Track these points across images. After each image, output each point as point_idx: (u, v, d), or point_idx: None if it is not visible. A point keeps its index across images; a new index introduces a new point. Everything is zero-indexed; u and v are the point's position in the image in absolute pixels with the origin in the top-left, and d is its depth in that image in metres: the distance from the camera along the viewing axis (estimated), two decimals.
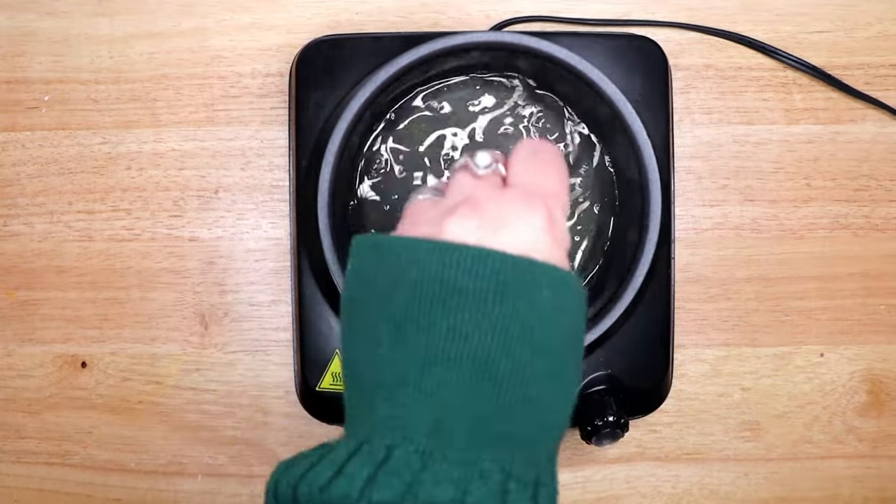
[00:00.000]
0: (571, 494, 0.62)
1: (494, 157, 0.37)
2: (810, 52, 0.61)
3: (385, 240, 0.35)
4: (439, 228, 0.34)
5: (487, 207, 0.35)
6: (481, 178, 0.37)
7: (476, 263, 0.33)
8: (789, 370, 0.62)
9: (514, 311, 0.33)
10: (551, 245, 0.35)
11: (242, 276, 0.61)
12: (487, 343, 0.32)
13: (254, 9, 0.61)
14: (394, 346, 0.33)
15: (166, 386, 0.61)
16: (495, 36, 0.54)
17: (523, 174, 0.37)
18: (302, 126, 0.56)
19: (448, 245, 0.33)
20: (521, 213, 0.35)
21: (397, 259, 0.34)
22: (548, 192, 0.36)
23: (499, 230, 0.34)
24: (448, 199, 0.36)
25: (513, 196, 0.35)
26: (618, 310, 0.54)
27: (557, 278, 0.34)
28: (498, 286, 0.33)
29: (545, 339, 0.33)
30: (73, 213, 0.60)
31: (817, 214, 0.62)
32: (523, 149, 0.38)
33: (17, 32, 0.60)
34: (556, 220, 0.35)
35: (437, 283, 0.33)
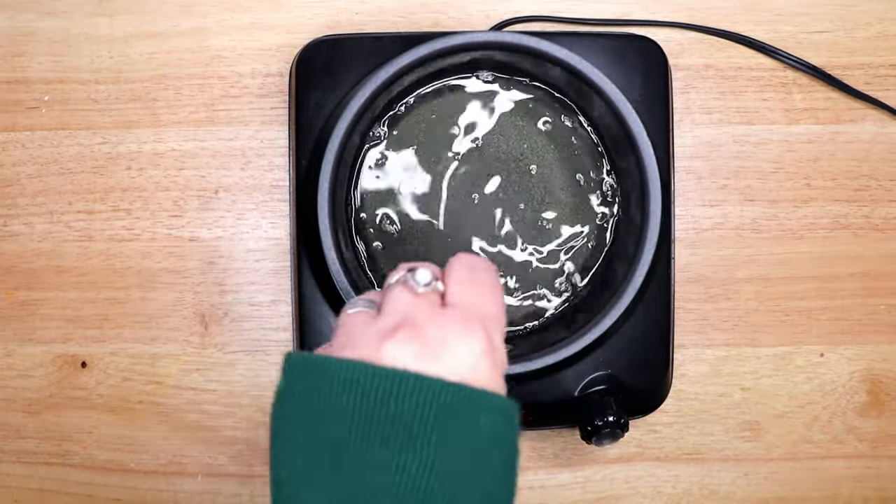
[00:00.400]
0: (571, 494, 0.62)
1: (434, 274, 0.37)
2: (810, 52, 0.61)
3: (320, 360, 0.34)
4: (378, 351, 0.33)
5: (427, 330, 0.34)
6: (420, 295, 0.36)
7: (416, 393, 0.32)
8: (789, 370, 0.62)
9: (454, 442, 0.32)
10: (490, 369, 0.34)
11: (242, 276, 0.61)
12: (425, 475, 0.32)
13: (254, 9, 0.61)
14: (328, 473, 0.32)
15: (166, 386, 0.61)
16: (495, 36, 0.54)
17: (462, 294, 0.36)
18: (302, 126, 0.56)
19: (388, 371, 0.32)
20: (461, 338, 0.34)
21: (334, 382, 0.33)
22: (486, 314, 0.36)
23: (439, 355, 0.33)
24: (385, 318, 0.35)
25: (453, 318, 0.35)
26: (618, 310, 0.54)
27: (496, 406, 0.34)
28: (438, 416, 0.32)
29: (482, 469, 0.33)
30: (73, 213, 0.60)
31: (817, 214, 0.62)
32: (461, 266, 0.38)
33: (17, 32, 0.60)
34: (494, 344, 0.35)
35: (375, 411, 0.32)
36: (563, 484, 0.62)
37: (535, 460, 0.61)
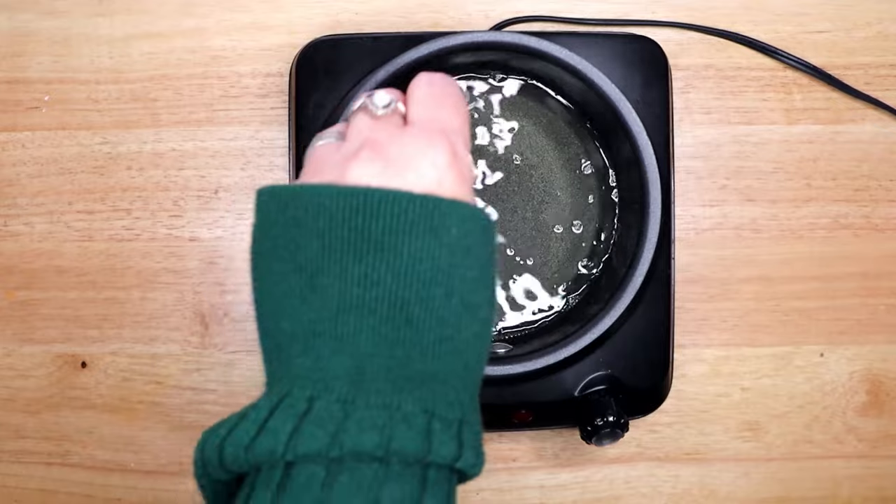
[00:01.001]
0: (571, 494, 0.62)
1: (393, 96, 0.37)
2: (810, 52, 0.61)
3: (288, 189, 0.34)
4: (342, 174, 0.34)
5: (389, 149, 0.34)
6: (381, 118, 0.36)
7: (382, 206, 0.32)
8: (789, 370, 0.62)
9: (425, 252, 0.33)
10: (456, 180, 0.34)
11: (242, 276, 0.61)
12: (400, 286, 0.32)
13: (254, 9, 0.61)
14: (306, 297, 0.33)
15: (166, 386, 0.61)
16: (495, 36, 0.54)
17: (423, 111, 0.37)
18: (302, 126, 0.56)
19: (353, 189, 0.33)
20: (423, 151, 0.34)
21: (303, 208, 0.33)
22: (449, 128, 0.36)
23: (402, 171, 0.34)
24: (349, 144, 0.36)
25: (414, 134, 0.35)
26: (618, 310, 0.54)
27: (464, 215, 0.34)
28: (406, 227, 0.32)
29: (456, 277, 0.33)
30: (73, 213, 0.60)
31: (817, 214, 0.62)
32: (421, 85, 0.38)
33: (17, 32, 0.60)
34: (459, 155, 0.35)
35: (345, 229, 0.32)
36: (563, 484, 0.62)
37: (535, 460, 0.61)
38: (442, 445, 0.32)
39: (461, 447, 0.33)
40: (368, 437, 0.31)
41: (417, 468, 0.32)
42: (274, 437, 0.31)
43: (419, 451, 0.32)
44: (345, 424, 0.31)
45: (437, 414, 0.33)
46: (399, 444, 0.31)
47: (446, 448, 0.32)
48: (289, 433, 0.31)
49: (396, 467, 0.32)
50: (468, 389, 0.35)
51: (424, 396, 0.33)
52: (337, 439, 0.31)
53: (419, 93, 0.37)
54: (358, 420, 0.31)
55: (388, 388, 0.32)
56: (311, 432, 0.31)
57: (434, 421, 0.32)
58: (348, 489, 0.31)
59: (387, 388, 0.32)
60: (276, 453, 0.31)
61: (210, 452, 0.33)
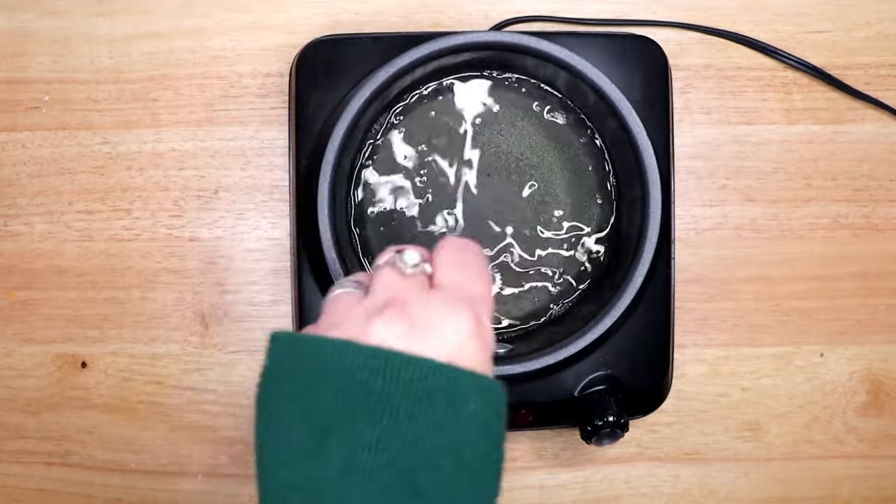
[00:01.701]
0: (571, 494, 0.62)
1: (422, 256, 0.37)
2: (810, 52, 0.61)
3: (306, 339, 0.34)
4: (365, 331, 0.33)
5: (415, 311, 0.34)
6: (408, 277, 0.36)
7: (403, 371, 0.32)
8: (789, 370, 0.62)
9: (441, 423, 0.32)
10: (477, 349, 0.34)
11: (242, 276, 0.61)
12: (412, 455, 0.32)
13: (254, 9, 0.61)
14: (312, 451, 0.32)
15: (166, 386, 0.61)
16: (495, 36, 0.54)
17: (450, 276, 0.36)
18: (302, 126, 0.56)
19: (375, 350, 0.32)
20: (448, 318, 0.34)
21: (320, 361, 0.33)
22: (475, 296, 0.36)
23: (426, 335, 0.33)
24: (373, 298, 0.35)
25: (440, 299, 0.35)
26: (618, 310, 0.54)
27: (483, 388, 0.33)
28: (425, 396, 0.32)
29: (469, 450, 0.33)
30: (73, 213, 0.60)
31: (817, 214, 0.62)
32: (449, 248, 0.38)
33: (17, 32, 0.60)
34: (482, 324, 0.35)
35: (362, 390, 0.32)
36: (563, 484, 0.62)
37: (535, 460, 0.61)
38: None
39: None
40: None
41: None
42: None
43: None
44: None
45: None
46: None
47: None
48: None
49: None
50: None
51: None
52: None
53: (447, 257, 0.37)
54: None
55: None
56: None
57: None
58: None
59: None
60: None
61: None
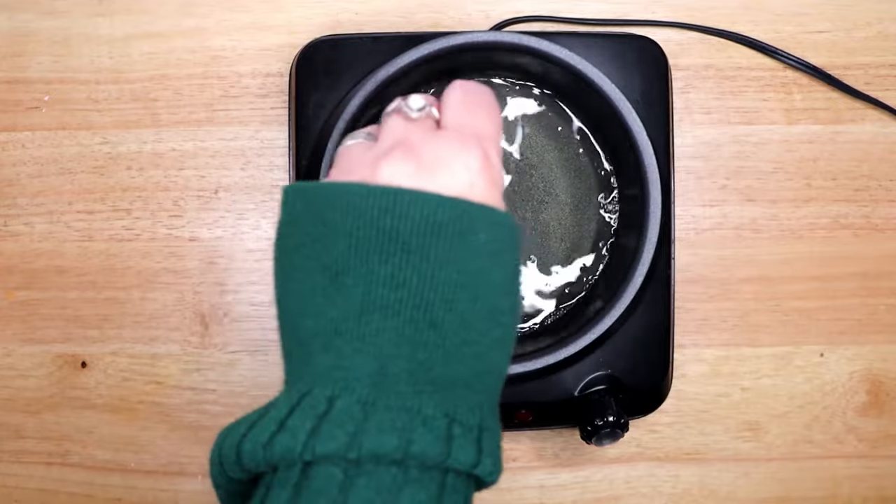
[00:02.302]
0: (571, 494, 0.62)
1: (428, 101, 0.37)
2: (810, 52, 0.61)
3: (317, 186, 0.34)
4: (373, 173, 0.34)
5: (422, 150, 0.34)
6: (414, 121, 0.36)
7: (412, 208, 0.32)
8: (789, 370, 0.62)
9: (452, 256, 0.32)
10: (487, 185, 0.34)
11: (243, 276, 0.61)
12: (426, 289, 0.32)
13: (254, 9, 0.61)
14: (330, 295, 0.33)
15: (166, 386, 0.61)
16: (495, 36, 0.54)
17: (457, 116, 0.37)
18: (302, 126, 0.56)
19: (383, 189, 0.32)
20: (456, 155, 0.34)
21: (331, 206, 0.33)
22: (482, 133, 0.36)
23: (434, 173, 0.34)
24: (381, 143, 0.36)
25: (447, 138, 0.35)
26: (618, 310, 0.54)
27: (493, 220, 0.34)
28: (435, 230, 0.32)
29: (482, 282, 0.33)
30: (73, 213, 0.60)
31: (817, 214, 0.62)
32: (455, 91, 0.38)
33: (17, 32, 0.60)
34: (491, 161, 0.35)
35: (373, 228, 0.32)
36: (563, 484, 0.62)
37: (535, 460, 0.61)
38: (461, 451, 0.32)
39: (480, 453, 0.32)
40: (388, 440, 0.31)
41: (436, 473, 0.32)
42: (293, 436, 0.31)
43: (439, 455, 0.31)
44: (364, 426, 0.31)
45: (458, 419, 0.32)
46: (418, 448, 0.31)
47: (465, 454, 0.32)
48: (308, 432, 0.31)
49: (415, 472, 0.31)
50: (489, 395, 0.34)
51: (446, 400, 0.33)
52: (356, 440, 0.31)
53: (453, 98, 0.37)
54: (378, 422, 0.31)
55: (409, 391, 0.32)
56: (331, 432, 0.31)
57: (454, 426, 0.32)
58: (366, 492, 0.31)
59: (408, 390, 0.32)
60: (294, 452, 0.31)
61: (228, 450, 0.32)
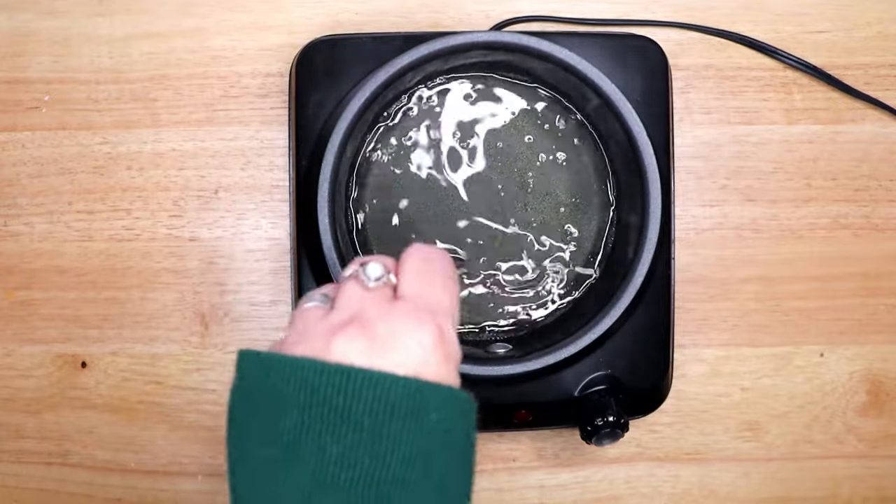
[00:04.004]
0: (571, 494, 0.62)
1: (386, 268, 0.37)
2: (810, 52, 0.61)
3: (272, 358, 0.34)
4: (327, 346, 0.34)
5: (376, 325, 0.34)
6: (371, 290, 0.36)
7: (365, 388, 0.32)
8: (789, 370, 0.62)
9: (405, 436, 0.32)
10: (440, 362, 0.34)
11: (242, 276, 0.61)
12: (378, 468, 0.32)
13: (254, 9, 0.61)
14: (281, 468, 0.32)
15: (166, 386, 0.61)
16: (495, 36, 0.54)
17: (413, 287, 0.37)
18: (302, 126, 0.56)
19: (337, 368, 0.33)
20: (410, 331, 0.34)
21: (284, 379, 0.33)
22: (438, 307, 0.36)
23: (388, 349, 0.34)
24: (337, 314, 0.36)
25: (403, 312, 0.35)
26: (618, 310, 0.54)
27: (446, 398, 0.34)
28: (388, 410, 0.32)
29: (434, 461, 0.33)
30: (73, 213, 0.60)
31: (817, 214, 0.62)
32: (413, 258, 0.38)
33: (17, 32, 0.60)
34: (445, 336, 0.35)
35: (325, 407, 0.32)
36: (563, 484, 0.62)
37: (535, 460, 0.61)
38: None
39: None
40: None
41: None
42: None
43: None
44: None
45: None
46: None
47: None
48: None
49: None
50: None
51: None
52: None
53: (411, 266, 0.37)
54: None
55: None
56: None
57: None
58: None
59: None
60: None
61: None
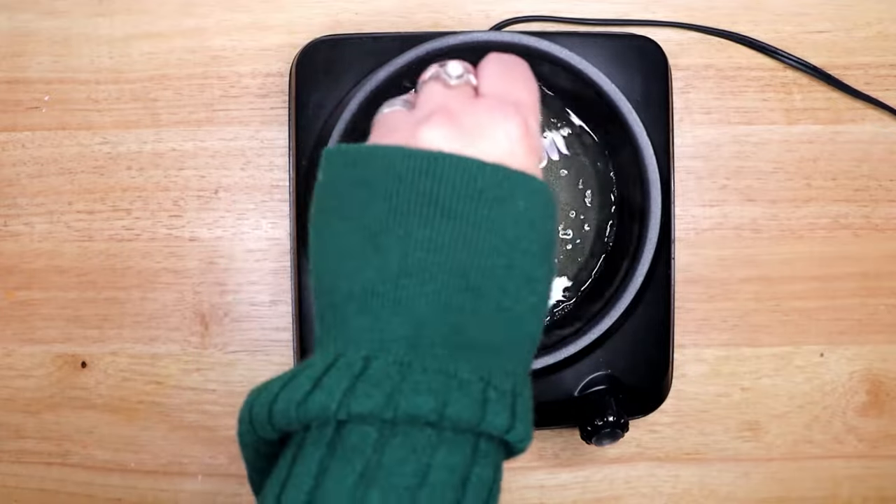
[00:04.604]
0: (571, 494, 0.62)
1: (466, 68, 0.37)
2: (810, 52, 0.61)
3: (358, 149, 0.34)
4: (414, 136, 0.34)
5: (462, 116, 0.34)
6: (453, 88, 0.36)
7: (453, 171, 0.32)
8: (789, 370, 0.62)
9: (490, 222, 0.33)
10: (527, 153, 0.34)
11: (242, 276, 0.61)
12: (463, 254, 0.32)
13: (254, 9, 0.61)
14: (367, 257, 0.33)
15: (166, 386, 0.61)
16: (495, 36, 0.54)
17: (495, 84, 0.37)
18: (302, 126, 0.56)
19: (424, 152, 0.33)
20: (496, 122, 0.34)
21: (371, 168, 0.33)
22: (521, 102, 0.36)
23: (475, 139, 0.34)
24: (421, 109, 0.36)
25: (488, 105, 0.35)
26: (618, 310, 0.54)
27: (532, 188, 0.34)
28: (475, 195, 0.32)
29: (519, 249, 0.33)
30: (73, 213, 0.60)
31: (817, 214, 0.62)
32: (493, 61, 0.38)
33: (17, 32, 0.60)
34: (530, 130, 0.35)
35: (412, 191, 0.32)
36: (563, 484, 0.62)
37: (535, 460, 0.61)
38: (496, 415, 0.32)
39: (514, 418, 0.32)
40: (424, 401, 0.31)
41: (470, 436, 0.32)
42: (328, 395, 0.31)
43: (473, 418, 0.31)
44: (400, 386, 0.31)
45: (493, 383, 0.32)
46: (454, 411, 0.31)
47: (500, 418, 0.32)
48: (343, 391, 0.31)
49: (449, 434, 0.31)
50: (522, 362, 0.35)
51: (481, 364, 0.33)
52: (392, 401, 0.31)
53: (492, 67, 0.37)
54: (414, 383, 0.31)
55: (445, 354, 0.32)
56: (366, 392, 0.31)
57: (489, 389, 0.32)
58: (400, 452, 0.31)
59: (444, 353, 0.32)
60: (329, 410, 0.31)
61: (260, 408, 0.32)
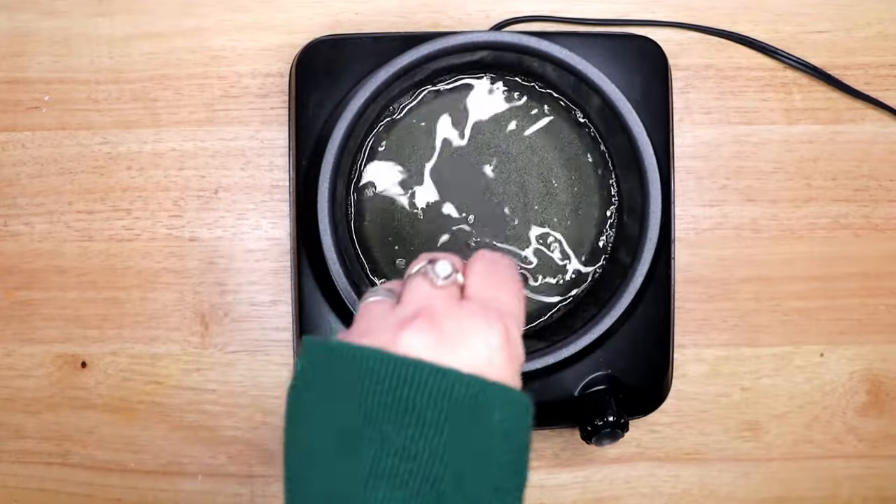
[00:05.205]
0: (571, 494, 0.62)
1: (454, 267, 0.37)
2: (810, 52, 0.61)
3: (339, 346, 0.34)
4: (395, 339, 0.34)
5: (445, 322, 0.34)
6: (439, 287, 0.36)
7: (431, 381, 0.32)
8: (789, 370, 0.62)
9: (466, 433, 0.33)
10: (505, 363, 0.34)
11: (242, 276, 0.61)
12: (436, 463, 0.32)
13: (254, 9, 0.61)
14: (339, 456, 0.33)
15: (166, 386, 0.61)
16: (495, 36, 0.54)
17: (482, 288, 0.37)
18: (302, 126, 0.56)
19: (404, 360, 0.33)
20: (478, 329, 0.34)
21: (350, 368, 0.33)
22: (506, 309, 0.36)
23: (454, 347, 0.34)
24: (404, 308, 0.36)
25: (471, 311, 0.35)
26: (618, 310, 0.54)
27: (508, 399, 0.34)
28: (451, 406, 0.32)
29: (493, 460, 0.33)
30: (73, 213, 0.60)
31: (817, 214, 0.62)
32: (481, 261, 0.38)
33: (17, 32, 0.60)
34: (511, 338, 0.35)
35: (389, 397, 0.32)
36: (563, 484, 0.62)
37: (535, 460, 0.61)
38: None
39: None
40: None
41: None
42: None
43: None
44: None
45: None
46: None
47: None
48: None
49: None
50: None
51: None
52: None
53: (479, 269, 0.38)
54: None
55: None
56: None
57: None
58: None
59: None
60: None
61: None
